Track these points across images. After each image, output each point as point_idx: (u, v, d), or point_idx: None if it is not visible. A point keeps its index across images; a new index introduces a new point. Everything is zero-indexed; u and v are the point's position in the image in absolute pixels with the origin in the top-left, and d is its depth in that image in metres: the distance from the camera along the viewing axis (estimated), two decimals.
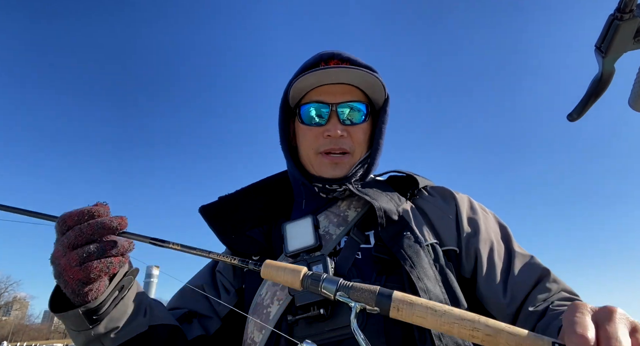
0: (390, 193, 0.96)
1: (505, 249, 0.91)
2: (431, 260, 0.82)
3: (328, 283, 0.56)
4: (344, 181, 0.95)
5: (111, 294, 0.70)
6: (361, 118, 0.97)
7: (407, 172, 1.04)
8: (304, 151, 0.99)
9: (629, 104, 0.54)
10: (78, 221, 0.66)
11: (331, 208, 0.96)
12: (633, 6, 0.47)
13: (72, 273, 0.63)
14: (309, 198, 1.01)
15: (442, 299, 0.76)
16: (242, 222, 0.98)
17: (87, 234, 0.64)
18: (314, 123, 0.96)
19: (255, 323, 0.82)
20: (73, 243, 0.64)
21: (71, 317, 0.67)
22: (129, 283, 0.73)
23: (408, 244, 0.82)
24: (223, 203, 1.01)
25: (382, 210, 0.87)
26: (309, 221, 0.85)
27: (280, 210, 1.03)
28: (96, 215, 0.66)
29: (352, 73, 0.93)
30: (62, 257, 0.65)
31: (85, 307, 0.66)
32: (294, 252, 0.83)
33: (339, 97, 0.95)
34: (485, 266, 0.87)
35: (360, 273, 0.81)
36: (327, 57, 0.99)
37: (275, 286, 0.84)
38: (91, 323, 0.68)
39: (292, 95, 0.99)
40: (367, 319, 0.73)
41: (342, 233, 0.89)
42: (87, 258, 0.63)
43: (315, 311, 0.74)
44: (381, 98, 0.99)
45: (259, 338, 0.80)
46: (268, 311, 0.81)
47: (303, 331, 0.76)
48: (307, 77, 0.93)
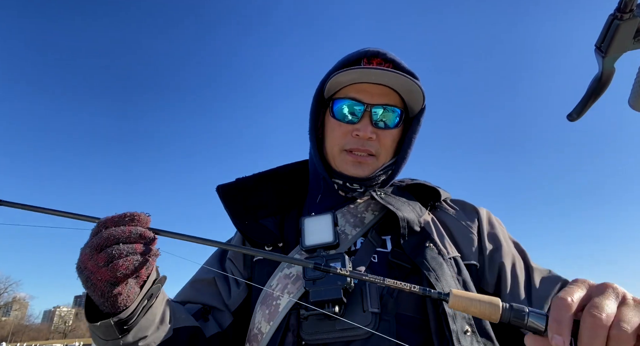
0: (412, 203, 0.95)
1: (525, 264, 0.92)
2: (454, 273, 0.82)
3: (534, 318, 0.50)
4: (365, 182, 0.94)
5: (141, 302, 0.69)
6: (394, 123, 0.95)
7: (427, 183, 1.03)
8: (329, 145, 0.98)
9: (629, 104, 0.54)
10: (117, 223, 0.65)
11: (348, 207, 0.95)
12: (633, 6, 0.47)
13: (100, 274, 0.62)
14: (326, 194, 1.00)
15: (465, 314, 0.75)
16: (256, 208, 0.97)
17: (119, 236, 0.63)
18: (346, 120, 0.94)
19: (263, 314, 0.81)
20: (103, 244, 0.63)
21: (102, 328, 0.66)
22: (157, 290, 0.72)
23: (431, 256, 0.81)
24: (240, 185, 0.99)
25: (405, 220, 0.86)
26: (329, 217, 0.84)
27: (293, 201, 1.02)
28: (136, 220, 0.65)
29: (394, 77, 0.91)
30: (88, 260, 0.63)
31: (117, 318, 0.65)
32: (311, 247, 0.82)
33: (376, 98, 0.93)
34: (510, 280, 0.87)
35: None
36: (370, 55, 0.96)
37: (286, 278, 0.83)
38: (121, 333, 0.67)
39: (328, 88, 0.97)
40: (379, 323, 0.73)
41: (358, 235, 0.89)
42: (115, 256, 0.62)
43: (330, 308, 0.72)
44: (417, 106, 0.97)
45: (266, 329, 0.79)
46: (277, 303, 0.80)
47: (312, 327, 0.75)
48: (347, 73, 0.91)
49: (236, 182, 1.00)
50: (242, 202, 0.97)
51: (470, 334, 0.73)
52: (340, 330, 0.73)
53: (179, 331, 0.78)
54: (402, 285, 0.57)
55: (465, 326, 0.73)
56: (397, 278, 0.78)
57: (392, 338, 0.71)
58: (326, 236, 0.82)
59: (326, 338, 0.74)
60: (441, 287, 0.76)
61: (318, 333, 0.74)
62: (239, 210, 0.96)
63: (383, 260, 0.84)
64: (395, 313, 0.75)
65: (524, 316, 0.51)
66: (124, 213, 0.66)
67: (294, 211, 1.00)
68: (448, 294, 0.54)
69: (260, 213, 0.97)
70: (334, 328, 0.74)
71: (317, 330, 0.74)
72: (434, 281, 0.76)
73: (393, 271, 0.81)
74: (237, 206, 0.96)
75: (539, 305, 0.83)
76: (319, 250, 0.81)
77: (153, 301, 0.72)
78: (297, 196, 1.04)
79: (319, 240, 0.82)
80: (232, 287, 0.94)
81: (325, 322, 0.75)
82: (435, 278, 0.77)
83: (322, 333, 0.74)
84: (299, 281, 0.81)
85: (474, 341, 0.72)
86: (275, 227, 0.95)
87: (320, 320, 0.75)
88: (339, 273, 0.59)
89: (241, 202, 0.97)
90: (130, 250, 0.63)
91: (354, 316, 0.73)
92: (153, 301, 0.72)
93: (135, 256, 0.63)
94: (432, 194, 1.00)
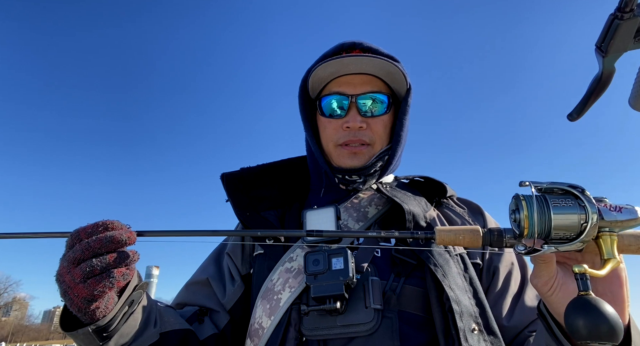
0: (418, 198, 0.94)
1: (522, 277, 0.90)
2: (460, 270, 0.80)
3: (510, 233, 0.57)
4: (363, 171, 0.93)
5: (121, 309, 0.68)
6: (382, 109, 0.94)
7: (434, 179, 1.02)
8: (325, 143, 0.98)
9: (629, 104, 0.54)
10: (91, 234, 0.63)
11: (351, 201, 0.94)
12: (633, 6, 0.47)
13: (77, 290, 0.61)
14: (328, 188, 1.00)
15: (472, 311, 0.74)
16: (258, 199, 0.96)
17: (94, 248, 0.61)
18: (334, 115, 0.94)
19: (264, 309, 0.80)
20: (79, 258, 0.61)
21: (81, 335, 0.65)
22: (138, 297, 0.71)
23: (438, 252, 0.80)
24: (244, 176, 0.98)
25: (411, 214, 0.85)
26: (331, 211, 0.83)
27: (295, 195, 1.02)
28: (110, 228, 0.64)
29: (372, 62, 0.91)
30: (66, 274, 0.62)
31: (95, 325, 0.65)
32: (313, 241, 0.81)
33: (359, 88, 0.93)
34: (500, 286, 0.86)
35: (377, 271, 0.79)
36: (347, 46, 0.96)
37: (288, 273, 0.82)
38: (101, 341, 0.66)
39: (312, 86, 0.97)
40: (381, 320, 0.72)
41: (361, 229, 0.88)
42: (90, 273, 0.61)
43: (331, 304, 0.71)
44: (403, 88, 0.97)
45: (267, 323, 0.78)
46: (279, 298, 0.79)
47: (313, 322, 0.74)
48: (325, 66, 0.91)
49: (241, 172, 0.99)
50: (245, 192, 0.97)
51: (477, 332, 0.72)
52: (342, 326, 0.72)
53: (168, 335, 0.77)
54: (389, 233, 0.63)
55: (472, 324, 0.72)
56: (400, 275, 0.79)
57: (394, 335, 0.71)
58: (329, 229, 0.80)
59: (327, 334, 0.73)
60: (448, 284, 0.75)
61: (319, 328, 0.73)
62: (242, 200, 0.95)
63: (387, 255, 0.83)
64: (398, 310, 0.74)
65: (501, 235, 0.57)
66: (96, 223, 0.64)
67: (296, 204, 0.99)
68: (434, 232, 0.59)
69: (262, 206, 0.96)
70: (336, 324, 0.72)
71: (318, 325, 0.73)
72: (441, 278, 0.75)
73: (397, 267, 0.80)
74: (241, 197, 0.96)
75: (519, 319, 0.82)
76: (322, 244, 0.80)
77: (135, 307, 0.71)
78: (299, 190, 1.04)
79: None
80: (227, 285, 0.93)
81: (327, 317, 0.73)
82: (443, 275, 0.76)
83: (323, 329, 0.73)
84: (300, 275, 0.80)
85: (481, 339, 0.72)
86: (276, 220, 0.94)
87: (322, 315, 0.74)
88: (333, 235, 0.61)
89: (244, 192, 0.97)
90: (104, 264, 0.61)
91: (355, 312, 0.72)
92: (135, 307, 0.71)
93: (111, 271, 0.62)
94: (438, 190, 0.99)
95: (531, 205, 0.52)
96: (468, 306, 0.74)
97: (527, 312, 0.83)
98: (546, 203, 0.52)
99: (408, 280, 0.78)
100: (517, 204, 0.54)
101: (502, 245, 0.57)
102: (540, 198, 0.53)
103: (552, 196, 0.53)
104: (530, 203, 0.52)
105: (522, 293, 0.87)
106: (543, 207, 0.52)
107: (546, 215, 0.52)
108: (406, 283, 0.78)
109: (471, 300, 0.76)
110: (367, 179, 0.95)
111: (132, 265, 0.65)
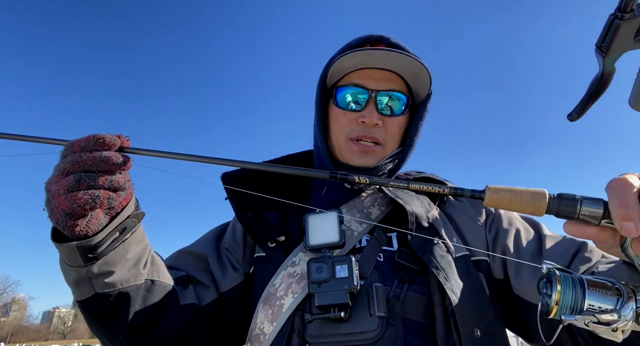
0: (421, 197, 0.91)
1: (535, 234, 0.85)
2: (463, 273, 0.79)
3: (589, 205, 0.46)
4: (372, 172, 0.90)
5: (110, 234, 0.65)
6: (400, 109, 0.91)
7: (435, 176, 0.99)
8: (335, 135, 0.93)
9: (629, 104, 0.54)
10: (84, 148, 0.61)
11: (354, 201, 0.91)
12: (633, 6, 0.47)
13: (59, 201, 0.59)
14: (331, 187, 0.96)
15: (475, 314, 0.73)
16: (259, 200, 0.91)
17: (86, 163, 0.59)
18: (350, 108, 0.90)
19: (266, 314, 0.78)
20: (68, 169, 0.59)
21: (65, 249, 0.63)
22: (132, 226, 0.68)
23: (440, 254, 0.79)
24: (245, 175, 0.94)
25: (414, 215, 0.82)
26: (334, 216, 0.80)
27: (297, 194, 0.98)
28: (107, 147, 0.61)
29: (399, 59, 0.86)
30: (54, 183, 0.60)
31: (80, 243, 0.62)
32: (315, 247, 0.79)
33: (381, 84, 0.89)
34: (514, 254, 0.82)
35: (381, 277, 0.77)
36: (374, 39, 0.92)
37: (290, 278, 0.80)
38: (85, 261, 0.64)
39: (331, 75, 0.92)
40: (385, 327, 0.71)
41: (364, 231, 0.85)
42: (75, 186, 0.58)
43: (335, 313, 0.70)
44: (424, 92, 0.93)
45: (269, 329, 0.76)
46: (281, 303, 0.77)
47: (317, 330, 0.73)
48: (349, 57, 0.87)
49: (242, 170, 0.95)
50: (246, 193, 0.93)
51: (479, 336, 0.71)
52: (346, 334, 0.71)
53: (154, 284, 0.74)
54: (431, 187, 0.55)
55: (475, 328, 0.71)
56: (404, 281, 0.77)
57: (398, 343, 0.69)
58: (331, 235, 0.78)
59: (331, 342, 0.71)
60: (450, 287, 0.74)
61: (323, 336, 0.72)
62: (243, 201, 0.91)
63: (389, 259, 0.81)
64: (402, 317, 0.73)
65: (575, 205, 0.46)
66: (89, 136, 0.61)
67: (298, 205, 0.98)
68: (483, 191, 0.51)
69: (263, 206, 0.92)
70: (340, 332, 0.71)
71: (322, 333, 0.72)
72: (442, 281, 0.74)
73: (399, 273, 0.78)
74: (241, 197, 0.91)
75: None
76: (324, 249, 0.78)
77: (127, 236, 0.68)
78: (301, 189, 1.00)
79: (323, 239, 0.79)
80: (227, 269, 0.89)
81: (330, 325, 0.72)
82: (445, 278, 0.75)
83: (327, 337, 0.72)
84: (303, 280, 0.78)
85: (483, 344, 0.70)
86: (278, 222, 0.91)
87: (325, 322, 0.73)
88: (358, 182, 0.58)
89: (244, 193, 0.93)
90: (91, 181, 0.59)
91: (360, 320, 0.71)
92: (127, 236, 0.68)
93: (96, 190, 0.60)
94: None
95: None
96: (471, 310, 0.73)
97: (556, 257, 0.77)
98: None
99: (411, 286, 0.77)
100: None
101: (574, 216, 0.46)
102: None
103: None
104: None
105: (542, 247, 0.82)
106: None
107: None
108: (410, 290, 0.76)
109: (474, 304, 0.75)
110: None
111: (122, 192, 0.63)
